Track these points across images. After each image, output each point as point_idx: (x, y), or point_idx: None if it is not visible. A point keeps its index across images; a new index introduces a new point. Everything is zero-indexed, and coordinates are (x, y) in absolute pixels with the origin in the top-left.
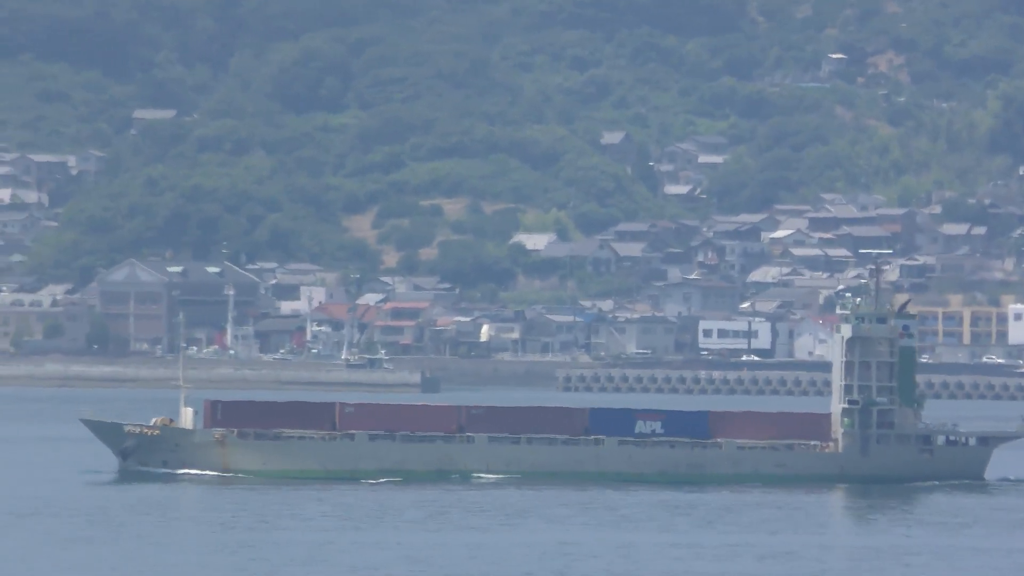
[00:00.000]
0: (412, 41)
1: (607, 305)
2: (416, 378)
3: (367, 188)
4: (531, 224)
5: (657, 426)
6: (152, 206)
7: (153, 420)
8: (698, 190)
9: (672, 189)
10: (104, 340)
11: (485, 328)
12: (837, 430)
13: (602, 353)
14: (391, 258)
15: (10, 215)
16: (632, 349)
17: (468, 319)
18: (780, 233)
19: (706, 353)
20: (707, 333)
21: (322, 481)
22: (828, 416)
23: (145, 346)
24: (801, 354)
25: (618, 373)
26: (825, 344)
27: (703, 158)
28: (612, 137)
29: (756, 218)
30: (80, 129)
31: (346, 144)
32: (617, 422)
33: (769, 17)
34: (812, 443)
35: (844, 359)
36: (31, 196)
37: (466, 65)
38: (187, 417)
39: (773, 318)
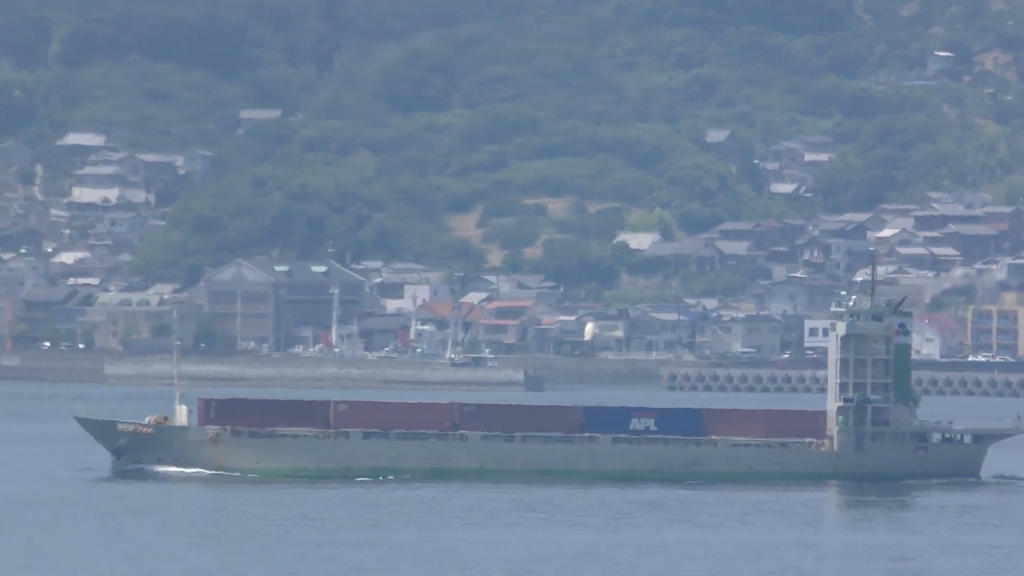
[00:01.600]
0: (517, 40)
1: (711, 304)
2: (520, 376)
3: (472, 187)
4: (635, 223)
5: (651, 423)
6: (258, 206)
7: (147, 418)
8: (803, 189)
9: (777, 188)
10: (211, 339)
11: (589, 327)
12: (832, 428)
13: (707, 352)
14: (495, 257)
15: (118, 215)
16: (737, 348)
17: (572, 318)
18: (886, 232)
19: (812, 352)
20: (813, 332)
21: (324, 480)
22: (823, 414)
23: (252, 345)
24: None
25: (723, 372)
26: (932, 343)
27: (808, 156)
28: (717, 136)
29: (862, 217)
30: (187, 129)
31: (451, 143)
32: (611, 420)
33: (875, 15)
34: (807, 441)
35: (839, 356)
36: (139, 196)
37: (571, 64)
38: (181, 415)
39: None
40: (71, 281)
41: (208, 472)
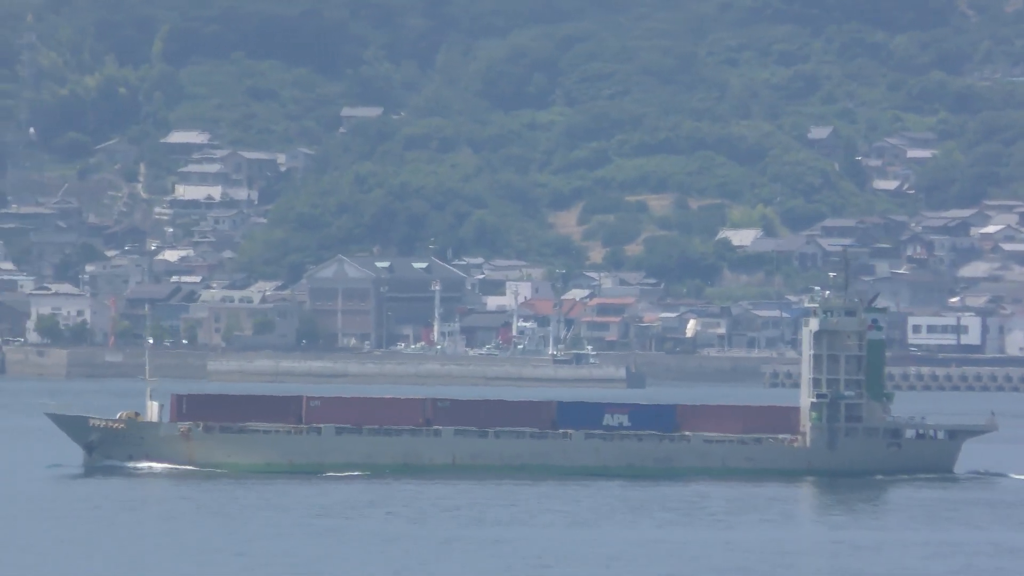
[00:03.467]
0: (620, 37)
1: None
2: (622, 373)
3: (573, 184)
4: (737, 220)
5: (624, 419)
6: (360, 203)
7: (119, 414)
8: (906, 185)
9: (880, 184)
10: (313, 336)
11: (691, 323)
12: (805, 424)
13: None
14: (597, 254)
15: (221, 212)
16: None
17: (674, 315)
18: (990, 228)
19: (915, 349)
20: (916, 329)
21: (296, 475)
22: (796, 409)
23: (353, 342)
24: (1012, 350)
25: None
26: None
27: (911, 153)
28: (819, 132)
29: (965, 213)
30: (289, 127)
31: (552, 141)
32: (585, 415)
33: (979, 11)
34: (780, 437)
35: (812, 352)
36: (241, 193)
37: (673, 61)
38: (153, 411)
39: (983, 313)
40: (174, 279)
41: (180, 467)
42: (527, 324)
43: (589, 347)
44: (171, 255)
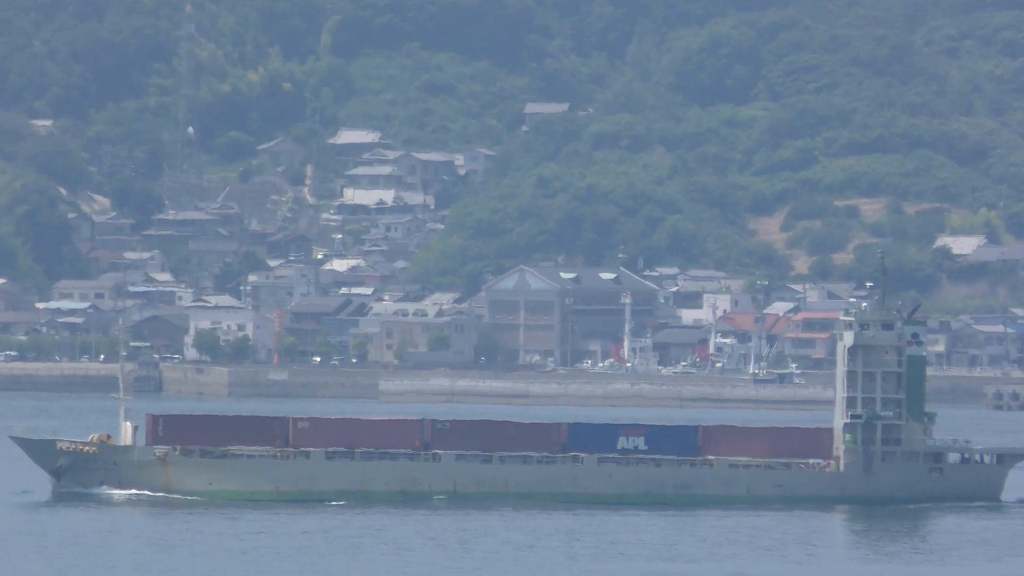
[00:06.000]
0: (828, 25)
1: None
2: (830, 394)
3: (776, 187)
4: (958, 226)
5: (640, 442)
6: (543, 208)
7: (90, 436)
8: None
9: None
10: (492, 353)
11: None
12: (839, 447)
13: None
14: (802, 263)
15: (393, 218)
16: None
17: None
18: None
19: None
20: None
21: (283, 503)
22: (829, 431)
23: (536, 359)
24: None
25: None
26: None
27: None
28: None
29: None
30: (467, 125)
31: (754, 139)
32: (597, 438)
33: None
34: (811, 461)
35: (846, 369)
36: (415, 198)
37: (887, 51)
38: (127, 433)
39: None
40: (343, 290)
41: (156, 495)
42: (725, 340)
43: (793, 365)
44: (339, 265)
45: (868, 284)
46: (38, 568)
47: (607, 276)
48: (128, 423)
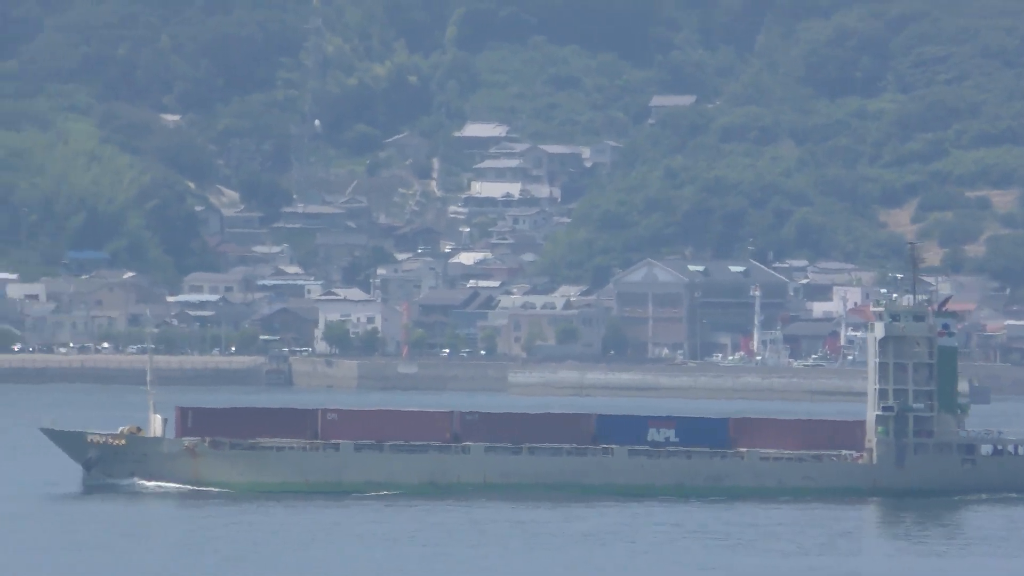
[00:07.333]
0: (957, 16)
1: None
2: (963, 387)
3: (906, 179)
4: None
5: (671, 434)
6: (671, 200)
7: (120, 428)
8: None
9: None
10: (621, 345)
11: None
12: (870, 439)
13: None
14: (933, 256)
15: (520, 211)
16: None
17: (1020, 322)
18: None
19: None
20: None
21: (306, 495)
22: (861, 423)
23: (665, 352)
24: None
25: None
26: None
27: None
28: None
29: None
30: (594, 118)
31: (883, 131)
32: (627, 430)
33: None
34: (843, 453)
35: (878, 360)
36: (542, 191)
37: (1017, 41)
38: (156, 425)
39: None
40: (471, 283)
41: (185, 487)
42: (856, 333)
43: None
44: (467, 258)
45: (898, 275)
46: (61, 561)
47: (736, 268)
48: (157, 415)
